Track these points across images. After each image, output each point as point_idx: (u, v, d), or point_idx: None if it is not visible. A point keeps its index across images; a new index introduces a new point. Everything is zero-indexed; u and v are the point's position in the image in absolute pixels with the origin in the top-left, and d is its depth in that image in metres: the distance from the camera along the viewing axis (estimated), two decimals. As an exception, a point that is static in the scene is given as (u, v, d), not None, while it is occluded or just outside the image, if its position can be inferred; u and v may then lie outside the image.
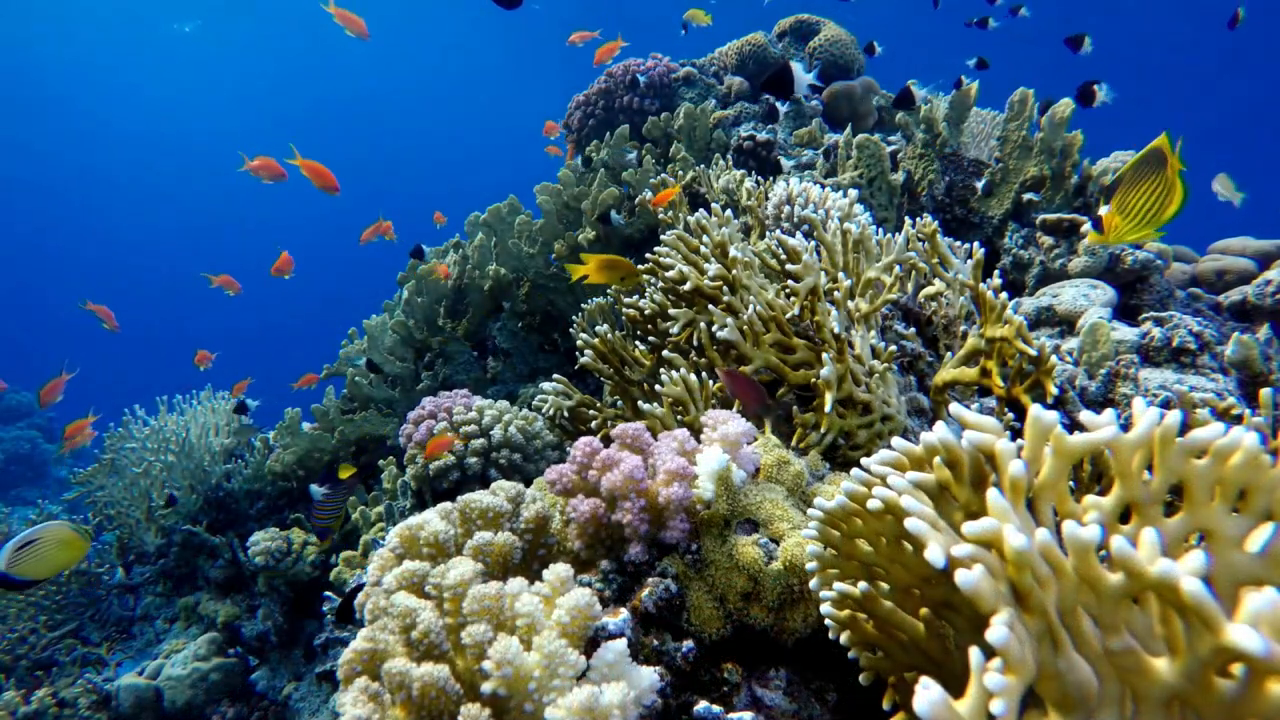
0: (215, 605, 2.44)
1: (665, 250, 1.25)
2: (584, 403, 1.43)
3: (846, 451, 1.08)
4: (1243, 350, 1.48)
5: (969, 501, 0.57)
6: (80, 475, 2.71)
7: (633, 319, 1.34)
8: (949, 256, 1.23)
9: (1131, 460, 0.51)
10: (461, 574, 0.72)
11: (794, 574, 0.79)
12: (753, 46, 3.30)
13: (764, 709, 0.77)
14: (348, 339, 2.91)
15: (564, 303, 2.55)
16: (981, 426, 0.55)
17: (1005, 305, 1.04)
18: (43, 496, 4.13)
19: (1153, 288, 1.87)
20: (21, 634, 2.43)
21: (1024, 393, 1.02)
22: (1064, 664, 0.47)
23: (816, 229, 1.24)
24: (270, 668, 2.35)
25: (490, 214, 2.60)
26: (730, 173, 2.21)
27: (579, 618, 0.68)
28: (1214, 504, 0.49)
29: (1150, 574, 0.43)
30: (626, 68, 3.26)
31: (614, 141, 2.68)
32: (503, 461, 1.76)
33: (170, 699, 2.24)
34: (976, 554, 0.47)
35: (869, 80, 3.02)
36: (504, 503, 0.86)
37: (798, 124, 2.89)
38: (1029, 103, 2.15)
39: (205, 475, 2.61)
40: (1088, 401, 1.45)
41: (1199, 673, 0.43)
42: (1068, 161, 2.09)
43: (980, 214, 2.23)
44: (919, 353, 1.27)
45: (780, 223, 1.74)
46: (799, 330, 1.14)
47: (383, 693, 0.68)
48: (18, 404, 8.15)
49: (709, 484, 0.83)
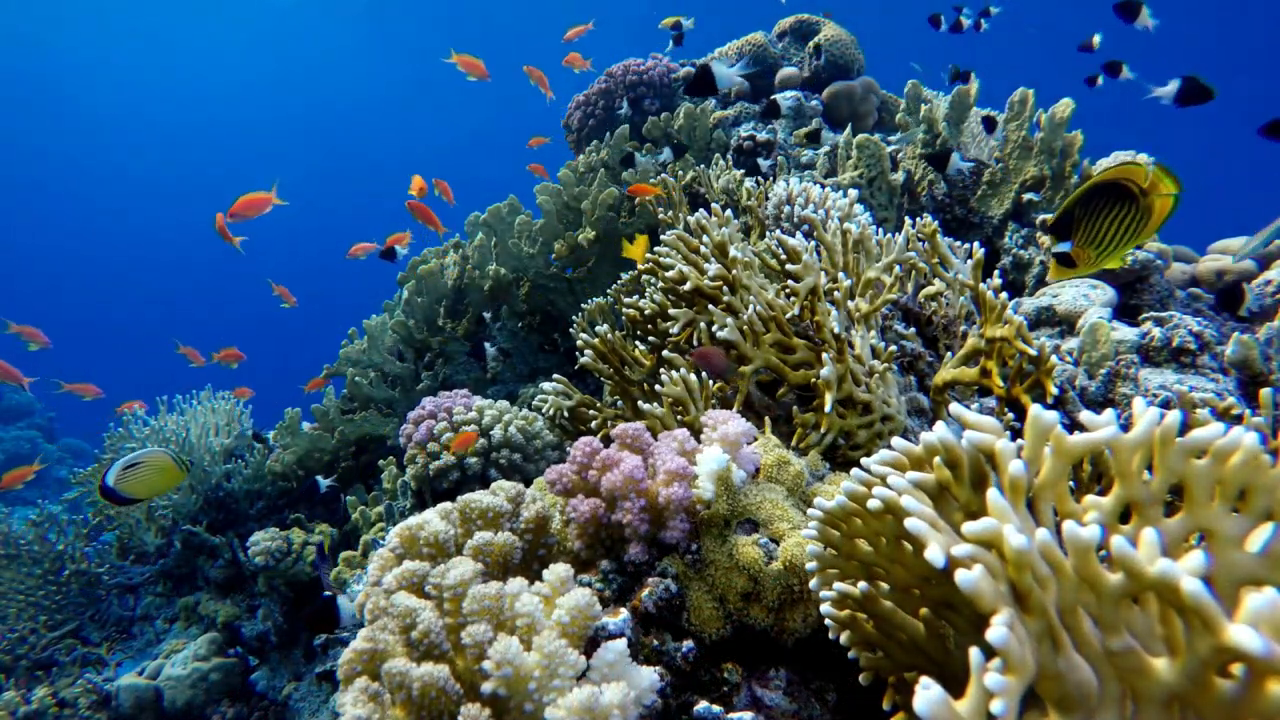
0: (215, 605, 2.44)
1: (665, 250, 1.25)
2: (584, 403, 1.43)
3: (846, 451, 1.08)
4: (1243, 350, 1.48)
5: (969, 501, 0.57)
6: (80, 475, 2.71)
7: (633, 319, 1.33)
8: (949, 256, 1.23)
9: (1131, 460, 0.51)
10: (461, 574, 0.72)
11: (794, 574, 0.79)
12: (753, 46, 3.29)
13: (764, 709, 0.77)
14: (348, 339, 2.91)
15: (564, 303, 2.55)
16: (981, 426, 0.55)
17: (1005, 305, 1.04)
18: (43, 497, 4.12)
19: (1153, 288, 1.87)
20: (21, 634, 2.42)
21: (1024, 393, 1.02)
22: (1064, 664, 0.47)
23: (816, 229, 1.24)
24: (270, 668, 2.35)
25: (490, 214, 2.60)
26: (730, 173, 2.21)
27: (579, 618, 0.68)
28: (1214, 504, 0.49)
29: (1150, 574, 0.43)
30: (627, 68, 3.26)
31: (614, 141, 2.68)
32: (503, 461, 1.75)
33: (170, 699, 2.24)
34: (976, 554, 0.47)
35: (869, 80, 3.02)
36: (504, 503, 0.86)
37: (798, 124, 2.89)
38: (1029, 103, 2.14)
39: (205, 475, 2.61)
40: (1088, 401, 1.45)
41: (1199, 673, 0.43)
42: (1068, 161, 2.09)
43: (980, 214, 2.23)
44: (919, 353, 1.27)
45: (780, 223, 1.74)
46: (799, 330, 1.14)
47: (383, 693, 0.68)
48: (18, 404, 8.15)
49: (709, 484, 0.83)
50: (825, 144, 2.68)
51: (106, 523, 2.65)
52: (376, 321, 2.69)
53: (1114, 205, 0.82)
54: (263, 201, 1.97)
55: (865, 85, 2.98)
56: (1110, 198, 0.82)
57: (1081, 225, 0.84)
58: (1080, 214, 0.84)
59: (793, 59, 3.36)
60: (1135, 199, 0.81)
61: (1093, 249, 0.84)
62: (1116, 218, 0.82)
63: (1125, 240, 0.83)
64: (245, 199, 1.96)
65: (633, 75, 3.22)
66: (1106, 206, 0.82)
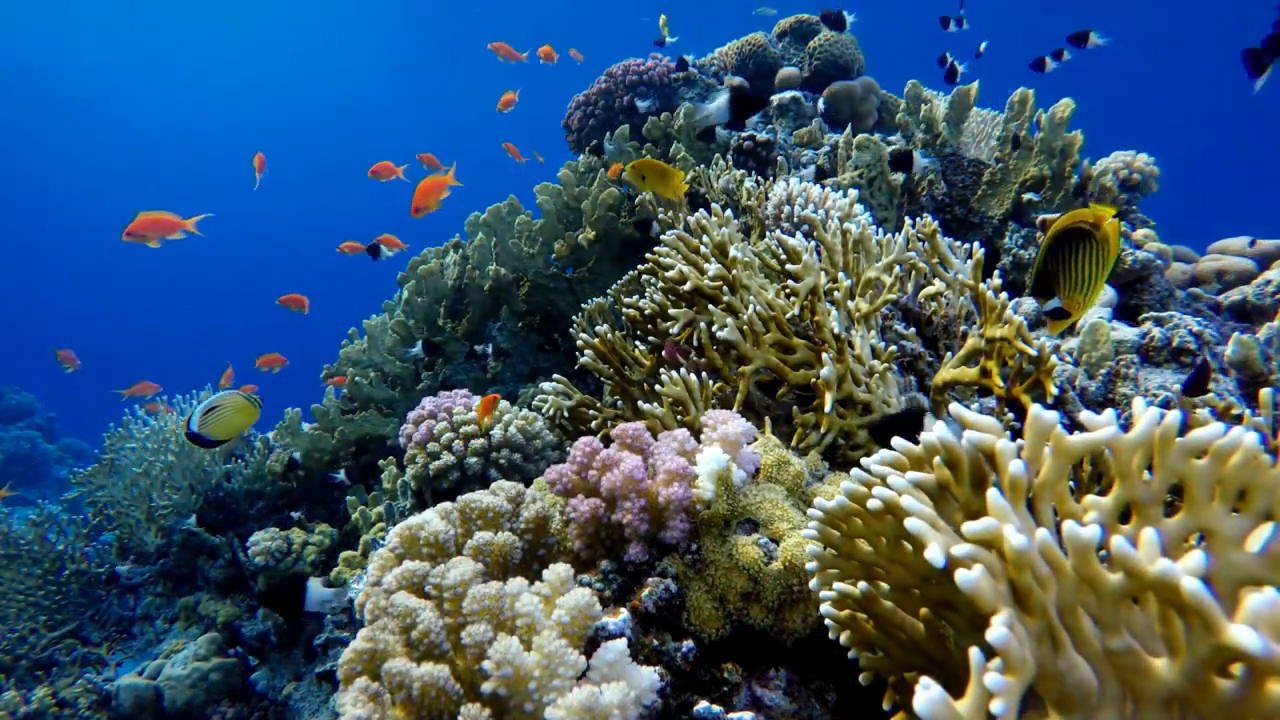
0: (215, 605, 2.44)
1: (665, 250, 1.25)
2: (584, 403, 1.43)
3: (846, 451, 1.08)
4: (1243, 350, 1.48)
5: (969, 501, 0.56)
6: (80, 475, 2.71)
7: (633, 319, 1.34)
8: (949, 256, 1.23)
9: (1131, 460, 0.51)
10: (461, 574, 0.72)
11: (794, 574, 0.79)
12: (753, 47, 3.29)
13: (764, 709, 0.77)
14: (347, 339, 2.91)
15: (564, 303, 2.55)
16: (981, 426, 0.55)
17: (1005, 305, 1.04)
18: (42, 496, 4.12)
19: (1153, 288, 1.87)
20: (21, 634, 2.43)
21: (1024, 393, 1.02)
22: (1064, 664, 0.47)
23: (816, 229, 1.24)
24: (270, 668, 2.35)
25: (490, 214, 2.60)
26: (730, 173, 2.21)
27: (579, 618, 0.68)
28: (1214, 504, 0.49)
29: (1150, 574, 0.43)
30: (627, 68, 3.26)
31: (614, 141, 2.68)
32: (503, 461, 1.75)
33: (170, 699, 2.24)
34: (976, 554, 0.47)
35: (869, 80, 3.02)
36: (504, 503, 0.86)
37: (798, 124, 2.89)
38: (1029, 103, 2.14)
39: (205, 475, 2.61)
40: (1088, 401, 1.45)
41: (1199, 673, 0.43)
42: (1068, 161, 2.09)
43: (980, 214, 2.23)
44: (919, 353, 1.27)
45: (780, 223, 1.74)
46: (799, 330, 1.14)
47: (383, 693, 0.68)
48: (18, 404, 8.16)
49: (709, 484, 0.83)
50: (825, 144, 2.68)
51: (106, 523, 2.65)
52: (376, 321, 2.69)
53: (1078, 248, 0.87)
54: (171, 224, 1.93)
55: (865, 85, 2.98)
56: (1072, 242, 0.87)
57: (1059, 278, 0.89)
58: (1054, 268, 0.89)
59: (792, 59, 3.36)
60: (1092, 235, 0.86)
61: (1079, 294, 0.89)
62: (1085, 258, 0.87)
63: (1100, 272, 0.88)
64: (147, 218, 1.93)
65: (633, 75, 3.22)
66: (1073, 252, 0.88)
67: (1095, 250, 0.86)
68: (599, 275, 2.49)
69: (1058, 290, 0.90)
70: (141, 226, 1.91)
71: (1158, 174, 2.22)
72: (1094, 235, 0.86)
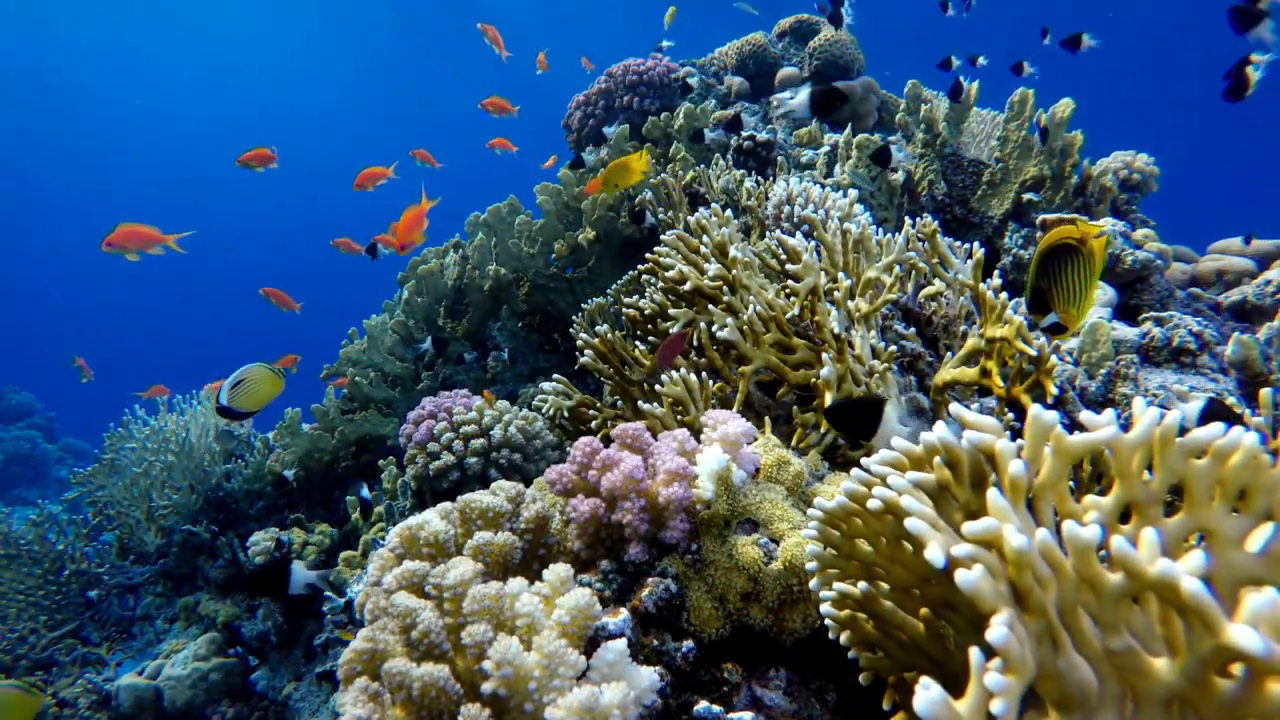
0: (215, 605, 2.44)
1: (665, 250, 1.25)
2: (584, 403, 1.43)
3: (846, 451, 1.08)
4: (1243, 350, 1.47)
5: (969, 501, 0.56)
6: (80, 475, 2.71)
7: (633, 319, 1.34)
8: (949, 256, 1.23)
9: (1131, 460, 0.51)
10: (461, 574, 0.72)
11: (794, 574, 0.79)
12: (753, 46, 3.29)
13: (764, 709, 0.77)
14: (347, 339, 2.91)
15: (564, 303, 2.55)
16: (981, 426, 0.55)
17: (1005, 305, 1.04)
18: (42, 496, 4.12)
19: (1153, 288, 1.87)
20: (21, 634, 2.42)
21: (1024, 393, 1.02)
22: (1064, 664, 0.47)
23: (816, 229, 1.24)
24: (270, 668, 2.34)
25: (490, 214, 2.60)
26: (730, 173, 2.21)
27: (579, 618, 0.68)
28: (1214, 504, 0.49)
29: (1150, 574, 0.43)
30: (627, 68, 3.26)
31: (614, 141, 2.68)
32: (503, 461, 1.75)
33: (170, 699, 2.24)
34: (976, 554, 0.47)
35: (869, 80, 3.02)
36: (504, 503, 0.86)
37: (797, 124, 2.89)
38: (1029, 103, 2.14)
39: (205, 475, 2.61)
40: (1088, 401, 1.44)
41: (1199, 673, 0.43)
42: (1068, 161, 2.09)
43: (980, 214, 2.23)
44: (919, 353, 1.27)
45: (780, 223, 1.74)
46: (799, 330, 1.14)
47: (383, 693, 0.68)
48: (18, 404, 8.16)
49: (709, 484, 0.83)
50: (825, 144, 2.68)
51: (106, 523, 2.65)
52: (376, 321, 2.69)
53: (1067, 263, 0.90)
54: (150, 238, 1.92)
55: (865, 85, 2.98)
56: (1061, 258, 0.90)
57: (1053, 293, 0.92)
58: (1046, 284, 0.92)
59: (792, 59, 3.36)
60: (1079, 250, 0.89)
61: (1072, 308, 0.92)
62: (1074, 272, 0.90)
63: (1089, 285, 0.91)
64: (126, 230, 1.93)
65: (633, 75, 3.22)
66: (1062, 267, 0.91)
67: (1083, 264, 0.90)
68: (599, 275, 2.49)
69: (1052, 305, 0.93)
70: (121, 238, 1.90)
71: (1158, 174, 2.22)
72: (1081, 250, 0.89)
